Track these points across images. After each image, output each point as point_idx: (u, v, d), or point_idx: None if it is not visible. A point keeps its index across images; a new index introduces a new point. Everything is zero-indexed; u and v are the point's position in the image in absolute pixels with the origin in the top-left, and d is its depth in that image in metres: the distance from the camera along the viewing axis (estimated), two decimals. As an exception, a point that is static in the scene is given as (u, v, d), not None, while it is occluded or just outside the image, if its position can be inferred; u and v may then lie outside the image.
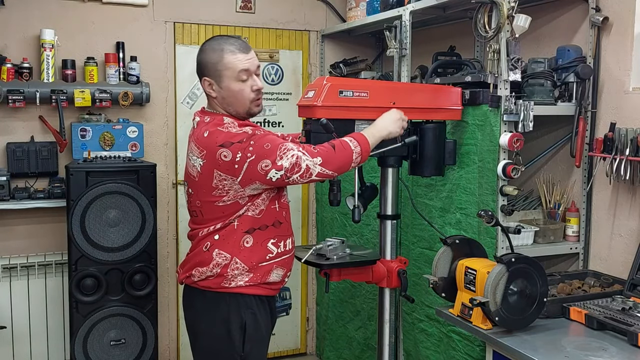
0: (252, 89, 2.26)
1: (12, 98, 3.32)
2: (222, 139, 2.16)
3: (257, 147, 2.13)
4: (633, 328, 1.99)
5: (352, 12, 3.82)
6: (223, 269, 2.23)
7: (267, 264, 2.27)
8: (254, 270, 2.25)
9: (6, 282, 3.44)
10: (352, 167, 2.25)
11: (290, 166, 2.12)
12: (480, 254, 2.38)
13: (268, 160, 2.12)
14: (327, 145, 2.20)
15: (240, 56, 2.23)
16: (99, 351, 3.15)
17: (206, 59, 2.26)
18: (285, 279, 2.38)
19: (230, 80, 2.23)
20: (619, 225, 2.58)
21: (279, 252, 2.30)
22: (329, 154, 2.17)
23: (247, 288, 2.24)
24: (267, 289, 2.31)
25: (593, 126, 2.65)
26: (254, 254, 2.24)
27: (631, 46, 2.52)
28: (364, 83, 2.78)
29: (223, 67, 2.23)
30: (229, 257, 2.23)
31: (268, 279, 2.28)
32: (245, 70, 2.24)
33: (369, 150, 2.25)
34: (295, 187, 4.25)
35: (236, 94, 2.25)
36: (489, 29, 2.49)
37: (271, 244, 2.28)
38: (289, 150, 2.14)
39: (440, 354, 2.82)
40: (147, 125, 3.70)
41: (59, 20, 3.55)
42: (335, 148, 2.19)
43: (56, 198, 3.40)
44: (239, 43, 2.27)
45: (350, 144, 2.22)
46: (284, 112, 4.16)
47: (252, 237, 2.24)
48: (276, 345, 4.30)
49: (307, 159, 2.13)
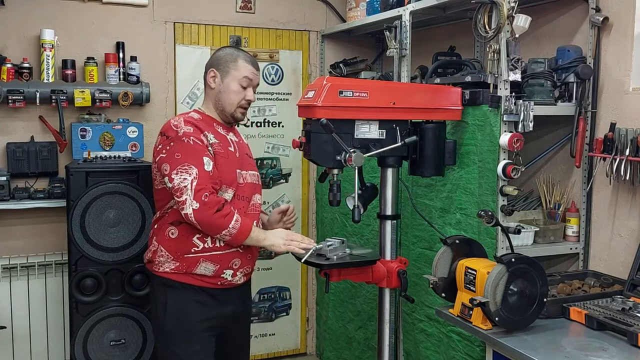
0: (245, 97, 2.53)
1: (12, 98, 3.32)
2: (163, 128, 2.45)
3: (171, 150, 2.37)
4: (633, 328, 1.99)
5: (352, 12, 3.82)
6: (153, 255, 2.49)
7: (193, 256, 2.41)
8: (180, 260, 2.42)
9: (6, 282, 3.44)
10: (215, 238, 2.38)
11: (177, 187, 2.30)
12: (480, 254, 2.38)
13: (168, 167, 2.35)
14: (216, 202, 2.30)
15: (251, 67, 2.54)
16: (98, 351, 3.15)
17: (222, 55, 2.56)
18: (222, 275, 2.45)
19: (233, 79, 2.51)
20: (619, 226, 2.58)
21: (206, 247, 2.41)
22: (207, 211, 2.28)
23: (173, 274, 2.44)
24: (198, 280, 2.43)
25: (593, 126, 2.65)
26: (179, 245, 2.42)
27: (631, 46, 2.52)
28: (364, 83, 2.77)
29: (233, 67, 2.51)
30: (157, 245, 2.47)
31: (195, 270, 2.42)
32: (249, 79, 2.52)
33: (241, 240, 2.38)
34: (295, 187, 4.26)
35: (231, 93, 2.51)
36: (489, 29, 2.49)
37: (196, 239, 2.40)
38: (188, 174, 2.29)
39: (440, 354, 2.82)
40: (147, 125, 3.70)
41: (59, 20, 3.55)
42: (218, 212, 2.30)
43: (56, 198, 3.40)
44: (254, 59, 2.59)
45: (233, 222, 2.33)
46: (284, 112, 4.16)
47: (178, 230, 2.42)
48: (276, 345, 4.31)
49: (189, 195, 2.28)
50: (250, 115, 4.08)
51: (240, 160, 2.53)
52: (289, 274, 4.28)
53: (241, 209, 2.47)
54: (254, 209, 2.56)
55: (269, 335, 4.28)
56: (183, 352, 2.45)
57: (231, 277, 2.48)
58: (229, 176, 2.44)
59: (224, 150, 2.45)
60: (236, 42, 3.99)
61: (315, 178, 4.23)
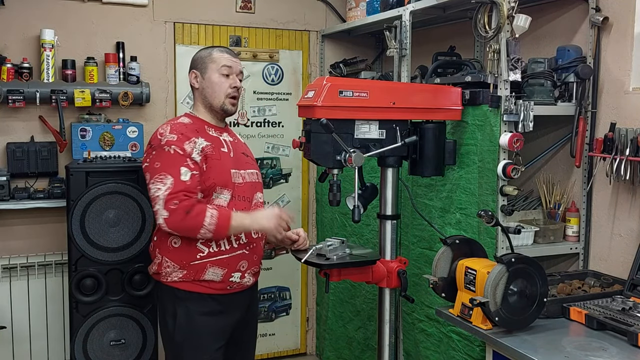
0: (230, 85, 2.51)
1: (12, 98, 3.32)
2: (151, 136, 2.46)
3: (153, 159, 2.38)
4: (633, 328, 1.99)
5: (352, 12, 3.82)
6: (158, 267, 2.47)
7: (199, 262, 2.39)
8: (187, 268, 2.40)
9: (6, 282, 3.44)
10: (199, 239, 2.36)
11: (152, 197, 2.33)
12: (480, 254, 2.38)
13: (148, 176, 2.37)
14: (181, 207, 2.27)
15: (227, 55, 2.54)
16: (98, 351, 3.14)
17: (197, 55, 2.59)
18: (231, 279, 2.44)
19: (213, 72, 2.51)
20: (619, 225, 2.58)
21: (211, 252, 2.40)
22: (177, 216, 2.28)
23: (181, 283, 2.42)
24: (206, 287, 2.41)
25: (593, 126, 2.65)
26: (184, 254, 2.40)
27: (631, 46, 2.52)
28: (364, 83, 2.77)
29: (209, 60, 2.52)
30: (161, 257, 2.45)
31: (203, 276, 2.40)
32: (228, 67, 2.51)
33: (223, 234, 2.35)
34: (295, 187, 4.26)
35: (214, 85, 2.50)
36: (489, 29, 2.49)
37: (200, 244, 2.39)
38: (163, 184, 2.29)
39: (440, 354, 2.82)
40: (147, 125, 3.69)
41: (59, 20, 3.55)
42: (187, 214, 2.28)
43: (56, 198, 3.40)
44: (229, 50, 2.60)
45: (208, 219, 2.28)
46: (284, 112, 4.16)
47: (180, 239, 2.40)
48: (276, 345, 4.31)
49: (160, 205, 2.28)
50: (250, 115, 4.08)
51: (235, 160, 2.52)
52: (289, 274, 4.28)
53: (242, 210, 2.46)
54: (256, 207, 2.54)
55: (269, 335, 4.28)
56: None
57: (240, 279, 2.47)
58: (223, 177, 2.42)
59: (215, 152, 2.43)
60: (236, 42, 3.99)
61: (315, 178, 4.23)
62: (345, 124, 2.36)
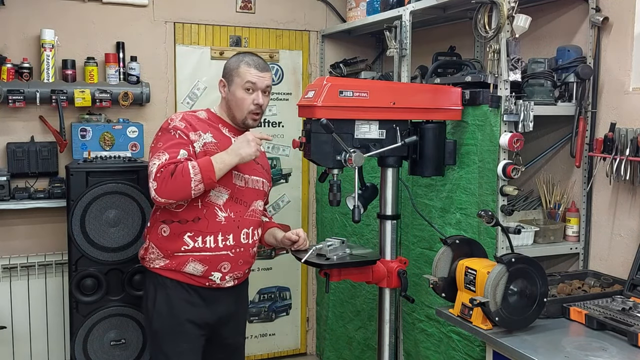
0: (253, 102, 2.49)
1: (12, 98, 3.32)
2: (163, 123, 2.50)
3: (157, 139, 2.44)
4: (633, 328, 1.99)
5: (352, 12, 3.82)
6: (144, 252, 2.54)
7: (182, 255, 2.43)
8: (170, 258, 2.45)
9: (6, 282, 3.44)
10: (194, 194, 2.33)
11: (148, 173, 2.37)
12: (480, 254, 2.38)
13: (150, 155, 2.42)
14: (166, 172, 2.29)
15: (254, 71, 2.49)
16: (99, 351, 3.15)
17: (228, 63, 2.56)
18: (210, 277, 2.45)
19: (237, 87, 2.49)
20: (619, 225, 2.58)
21: (196, 247, 2.42)
22: (164, 182, 2.29)
23: (164, 270, 2.46)
24: (187, 278, 2.45)
25: (593, 126, 2.65)
26: (170, 243, 2.45)
27: (631, 46, 2.52)
28: (364, 83, 2.77)
29: (236, 74, 2.50)
30: (149, 242, 2.52)
31: (184, 268, 2.44)
32: (252, 83, 2.48)
33: (212, 177, 2.32)
34: (295, 187, 4.26)
35: (237, 100, 2.50)
36: (489, 29, 2.49)
37: (187, 237, 2.43)
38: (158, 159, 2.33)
39: (440, 354, 2.82)
40: (147, 125, 3.69)
41: (59, 20, 3.55)
42: (172, 175, 2.28)
43: (56, 198, 3.40)
44: (259, 61, 2.53)
45: (192, 171, 2.29)
46: (284, 112, 4.16)
47: (169, 228, 2.45)
48: (276, 345, 4.31)
49: (151, 180, 2.32)
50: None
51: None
52: (289, 274, 4.27)
53: (237, 213, 2.47)
54: (253, 214, 2.55)
55: (269, 335, 4.28)
56: (170, 350, 2.46)
57: (219, 280, 2.48)
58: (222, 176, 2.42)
59: (218, 151, 2.42)
60: (236, 42, 3.99)
61: (315, 178, 4.23)
62: (346, 124, 2.36)
